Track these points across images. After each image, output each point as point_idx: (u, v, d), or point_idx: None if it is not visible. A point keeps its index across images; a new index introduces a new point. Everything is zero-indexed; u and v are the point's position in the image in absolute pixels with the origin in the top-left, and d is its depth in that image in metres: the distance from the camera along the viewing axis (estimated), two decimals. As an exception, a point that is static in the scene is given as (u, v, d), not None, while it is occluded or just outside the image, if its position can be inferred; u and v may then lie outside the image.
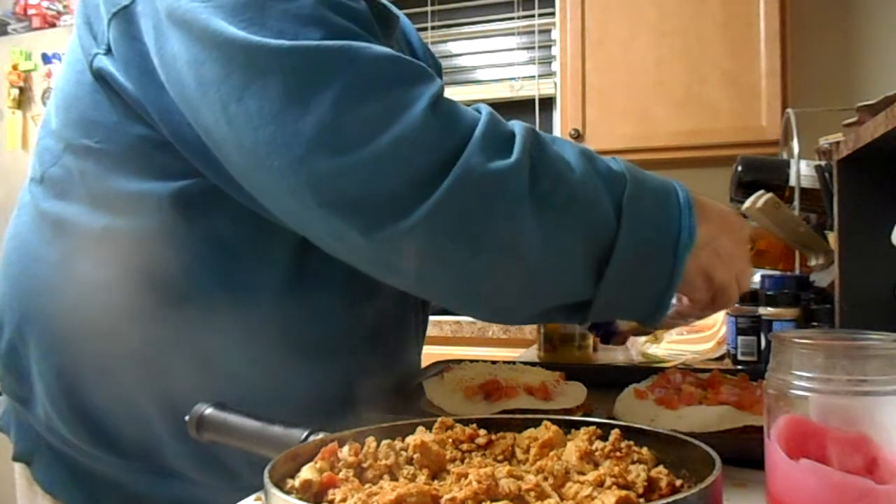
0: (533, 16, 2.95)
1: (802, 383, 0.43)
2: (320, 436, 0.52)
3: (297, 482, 0.43)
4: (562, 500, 0.41)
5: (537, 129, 0.63)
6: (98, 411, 0.74)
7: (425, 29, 3.06)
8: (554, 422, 0.50)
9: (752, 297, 1.09)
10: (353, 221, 0.56)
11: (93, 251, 0.72)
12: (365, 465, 0.46)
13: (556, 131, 2.83)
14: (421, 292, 0.64)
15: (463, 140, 0.57)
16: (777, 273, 1.24)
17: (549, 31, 2.95)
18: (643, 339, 1.30)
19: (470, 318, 2.52)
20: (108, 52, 0.70)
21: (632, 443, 0.48)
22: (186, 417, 0.61)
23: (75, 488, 0.77)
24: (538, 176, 0.59)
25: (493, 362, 0.90)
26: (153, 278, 0.71)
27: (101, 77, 0.70)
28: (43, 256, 0.75)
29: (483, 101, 3.05)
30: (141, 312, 0.71)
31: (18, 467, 0.81)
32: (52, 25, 2.98)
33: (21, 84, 2.79)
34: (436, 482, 0.45)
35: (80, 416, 0.74)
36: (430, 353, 1.01)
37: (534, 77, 2.97)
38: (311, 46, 0.57)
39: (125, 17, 0.68)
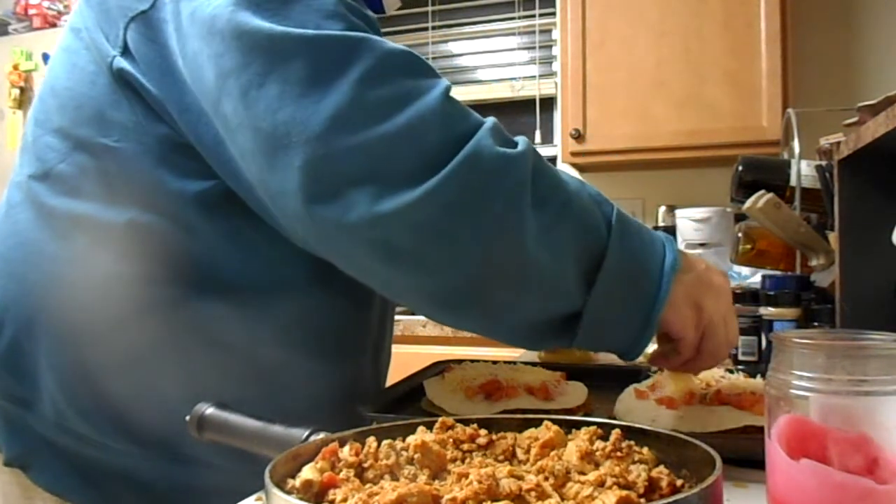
0: (533, 16, 2.95)
1: (803, 383, 0.43)
2: (321, 436, 0.52)
3: (297, 482, 0.43)
4: (562, 500, 0.41)
5: (537, 128, 0.65)
6: (117, 402, 0.74)
7: (426, 29, 3.06)
8: (555, 422, 0.50)
9: (753, 297, 1.09)
10: (362, 194, 0.57)
11: (114, 245, 0.73)
12: (365, 465, 0.46)
13: (557, 131, 2.84)
14: (411, 284, 0.62)
15: (474, 126, 0.61)
16: (778, 273, 1.24)
17: (549, 31, 2.95)
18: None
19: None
20: (125, 53, 0.71)
21: (632, 443, 0.48)
22: (187, 418, 0.61)
23: (85, 486, 0.77)
24: (539, 175, 0.61)
25: (494, 362, 0.90)
26: (176, 272, 0.72)
27: (121, 78, 0.71)
28: (54, 253, 0.75)
29: (484, 101, 3.06)
30: (163, 304, 0.73)
31: (7, 475, 0.79)
32: (53, 25, 2.98)
33: (22, 84, 2.80)
34: (436, 482, 0.45)
35: (98, 408, 0.74)
36: (431, 353, 1.01)
37: (534, 77, 2.97)
38: (335, 35, 0.61)
39: (144, 23, 0.70)
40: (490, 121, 0.62)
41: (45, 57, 2.78)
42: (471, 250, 0.59)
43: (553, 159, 2.76)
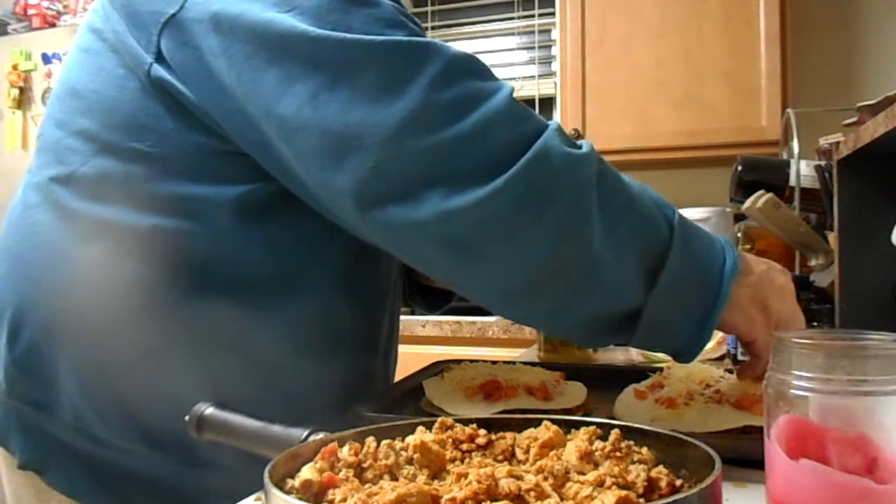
0: (533, 16, 2.95)
1: (802, 383, 0.43)
2: (320, 436, 0.52)
3: (297, 482, 0.43)
4: (562, 500, 0.41)
5: None
6: (136, 405, 0.74)
7: (426, 29, 3.06)
8: (554, 422, 0.50)
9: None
10: (433, 193, 0.59)
11: (137, 249, 0.73)
12: (365, 465, 0.46)
13: (556, 131, 2.83)
14: (475, 277, 0.64)
15: (541, 126, 0.62)
16: (777, 273, 1.23)
17: (549, 31, 2.95)
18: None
19: (470, 318, 2.52)
20: (159, 59, 0.70)
21: (632, 443, 0.48)
22: (186, 417, 0.61)
23: (102, 489, 0.77)
24: (603, 176, 0.63)
25: (494, 362, 0.90)
26: (197, 276, 0.73)
27: (158, 86, 0.71)
28: (74, 256, 0.75)
29: (483, 101, 3.06)
30: (183, 308, 0.73)
31: (20, 477, 0.80)
32: (52, 25, 2.98)
33: (21, 84, 2.80)
34: (436, 482, 0.45)
35: (117, 411, 0.74)
36: (431, 353, 1.02)
37: (534, 77, 2.97)
38: (403, 41, 0.62)
39: (176, 26, 0.69)
40: (555, 122, 0.64)
41: (45, 57, 2.78)
42: (537, 247, 0.61)
43: (552, 159, 2.76)
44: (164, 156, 0.72)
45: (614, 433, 0.48)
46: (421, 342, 2.25)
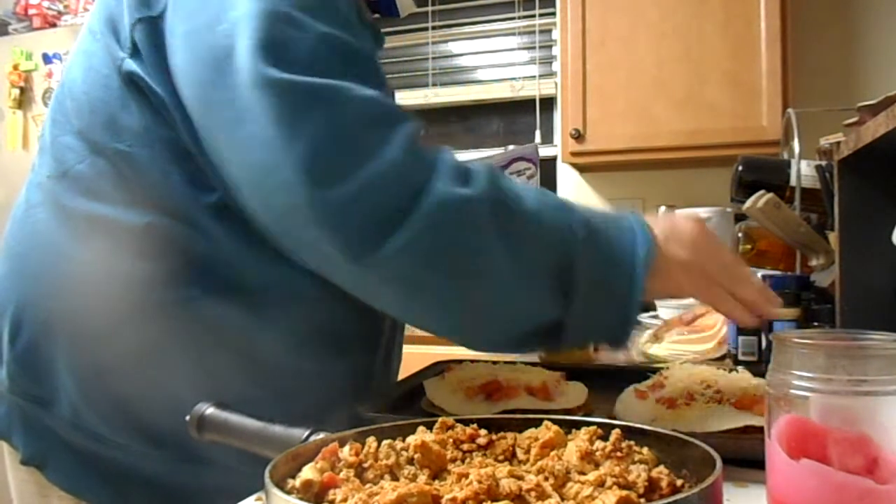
0: (534, 16, 2.95)
1: (803, 383, 0.43)
2: (321, 436, 0.52)
3: (297, 482, 0.43)
4: (562, 500, 0.41)
5: (537, 128, 0.66)
6: (133, 401, 0.75)
7: (426, 29, 3.06)
8: (555, 422, 0.50)
9: (753, 297, 1.09)
10: (336, 247, 0.60)
11: (133, 247, 0.73)
12: (366, 465, 0.46)
13: (557, 131, 2.83)
14: (403, 318, 0.67)
15: (430, 172, 0.62)
16: (778, 273, 1.24)
17: (549, 31, 2.95)
18: (644, 338, 1.30)
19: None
20: (134, 54, 0.71)
21: (632, 443, 0.48)
22: (187, 417, 0.61)
23: (101, 485, 0.77)
24: (498, 204, 0.63)
25: (494, 362, 0.89)
26: (193, 274, 0.73)
27: (131, 80, 0.72)
28: (72, 253, 0.76)
29: (484, 101, 3.06)
30: (179, 305, 0.73)
31: (23, 473, 0.80)
32: (53, 25, 2.98)
33: (22, 84, 2.79)
34: (436, 482, 0.45)
35: (114, 407, 0.75)
36: (431, 353, 1.01)
37: (534, 77, 2.97)
38: (303, 82, 0.61)
39: (152, 26, 0.70)
40: (446, 158, 0.64)
41: (45, 57, 2.77)
42: (445, 295, 0.63)
43: (553, 159, 2.76)
44: (142, 155, 0.73)
45: (615, 433, 0.48)
46: (421, 342, 2.25)
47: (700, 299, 0.72)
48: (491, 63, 3.11)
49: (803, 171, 1.28)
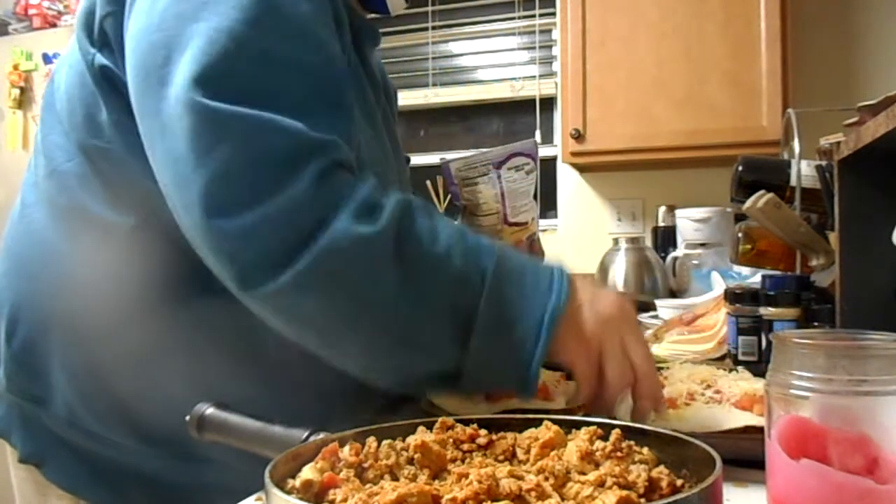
0: (534, 16, 2.95)
1: (803, 383, 0.43)
2: (321, 436, 0.52)
3: (297, 482, 0.43)
4: (563, 500, 0.41)
5: (537, 128, 0.65)
6: (128, 400, 0.75)
7: (426, 29, 3.06)
8: (555, 422, 0.50)
9: (753, 297, 1.09)
10: (229, 275, 0.60)
11: (125, 245, 0.73)
12: (366, 465, 0.46)
13: (557, 131, 2.83)
14: (300, 345, 0.66)
15: (333, 209, 0.60)
16: (778, 273, 1.23)
17: (549, 31, 2.95)
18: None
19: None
20: (104, 47, 0.72)
21: (632, 443, 0.48)
22: (187, 418, 0.61)
23: (98, 484, 0.77)
24: (402, 243, 0.61)
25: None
26: (185, 272, 0.72)
27: (103, 75, 0.72)
28: (66, 252, 0.76)
29: (484, 101, 3.06)
30: (173, 303, 0.73)
31: (23, 471, 0.81)
32: (53, 25, 2.98)
33: (22, 84, 2.79)
34: (436, 482, 0.45)
35: (109, 406, 0.75)
36: (431, 353, 1.01)
37: (534, 77, 2.97)
38: (220, 109, 0.60)
39: (120, 20, 0.70)
40: (358, 192, 0.62)
41: (46, 57, 2.77)
42: (336, 333, 0.63)
43: (553, 159, 2.76)
44: (119, 151, 0.73)
45: (615, 433, 0.48)
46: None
47: (574, 373, 0.69)
48: (491, 63, 3.11)
49: (803, 171, 1.28)
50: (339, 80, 0.69)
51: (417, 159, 2.56)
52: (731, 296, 1.11)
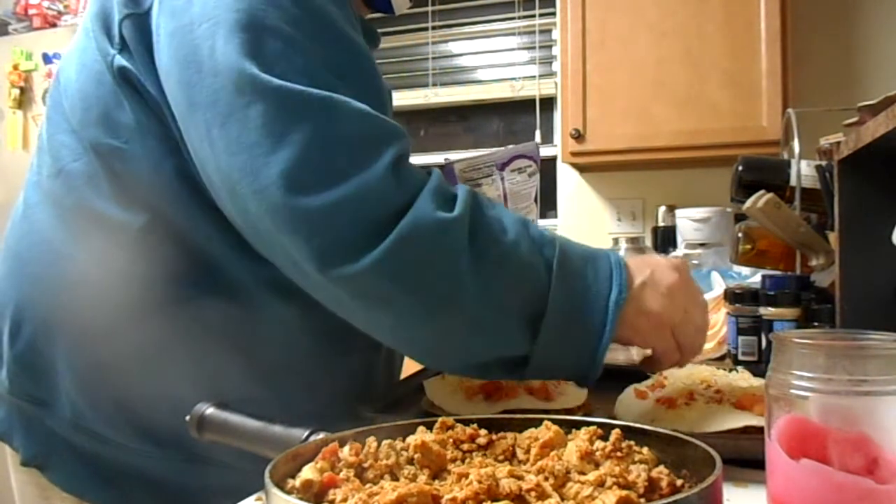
0: (534, 16, 2.95)
1: (803, 383, 0.43)
2: (321, 436, 0.52)
3: (297, 482, 0.43)
4: (562, 500, 0.41)
5: (537, 128, 0.65)
6: (133, 401, 0.75)
7: (426, 29, 3.06)
8: (554, 422, 0.50)
9: (753, 297, 1.09)
10: (307, 256, 0.60)
11: (131, 245, 0.73)
12: (366, 465, 0.46)
13: (557, 131, 2.83)
14: (367, 331, 0.67)
15: (413, 193, 0.62)
16: (778, 273, 1.23)
17: (549, 31, 2.95)
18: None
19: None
20: (124, 50, 0.71)
21: (632, 443, 0.48)
22: (187, 418, 0.61)
23: (103, 486, 0.77)
24: (477, 231, 0.63)
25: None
26: (191, 273, 0.73)
27: (123, 76, 0.72)
28: (70, 253, 0.75)
29: (484, 101, 3.06)
30: (178, 304, 0.73)
31: (24, 475, 0.80)
32: (53, 25, 2.98)
33: (22, 84, 2.79)
34: (436, 482, 0.45)
35: (114, 407, 0.75)
36: (431, 353, 1.01)
37: (534, 77, 2.97)
38: (295, 90, 0.61)
39: (140, 23, 0.70)
40: (432, 180, 0.63)
41: (46, 57, 2.77)
42: (413, 317, 0.62)
43: (553, 159, 2.76)
44: (136, 152, 0.72)
45: (615, 433, 0.48)
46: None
47: (654, 351, 0.71)
48: (491, 63, 3.11)
49: (803, 171, 1.28)
50: (378, 77, 0.71)
51: (417, 159, 2.55)
52: (731, 296, 1.11)
